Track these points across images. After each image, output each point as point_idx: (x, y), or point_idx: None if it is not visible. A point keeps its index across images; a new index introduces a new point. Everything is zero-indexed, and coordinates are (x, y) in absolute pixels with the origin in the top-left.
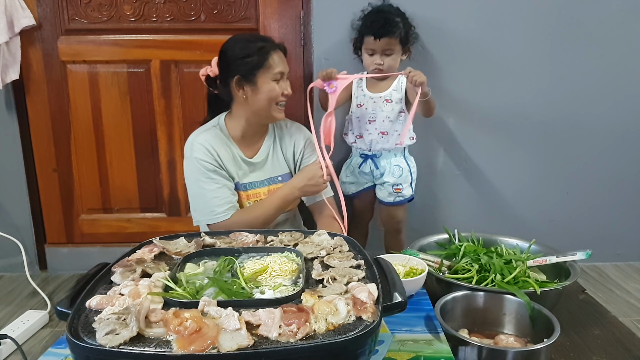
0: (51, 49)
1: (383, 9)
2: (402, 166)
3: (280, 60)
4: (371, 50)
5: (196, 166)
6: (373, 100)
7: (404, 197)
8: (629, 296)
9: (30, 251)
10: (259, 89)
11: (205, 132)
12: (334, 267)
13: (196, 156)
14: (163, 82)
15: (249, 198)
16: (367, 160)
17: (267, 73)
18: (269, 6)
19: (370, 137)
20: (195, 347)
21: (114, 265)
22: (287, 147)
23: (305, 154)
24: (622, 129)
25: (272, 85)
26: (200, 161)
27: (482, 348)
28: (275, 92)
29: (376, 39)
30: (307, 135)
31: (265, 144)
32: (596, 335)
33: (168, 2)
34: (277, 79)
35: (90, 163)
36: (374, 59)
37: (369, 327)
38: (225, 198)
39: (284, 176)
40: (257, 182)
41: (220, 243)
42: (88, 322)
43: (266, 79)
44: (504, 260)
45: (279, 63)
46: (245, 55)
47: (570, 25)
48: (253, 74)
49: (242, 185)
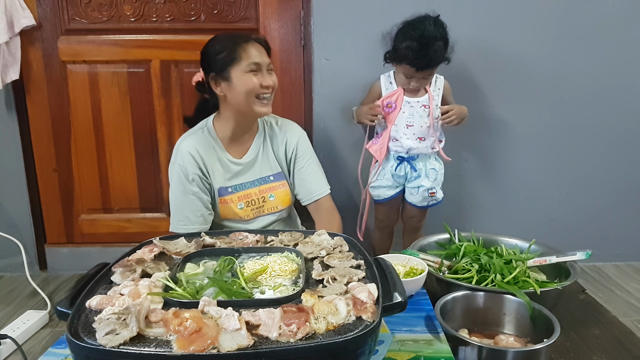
0: (51, 49)
1: (428, 39)
2: (436, 169)
3: (256, 52)
4: (410, 75)
5: (178, 173)
6: (410, 105)
7: (436, 201)
8: (629, 296)
9: (30, 251)
10: (233, 83)
11: (191, 137)
12: (334, 267)
13: (179, 163)
14: (163, 82)
15: (240, 199)
16: (403, 162)
17: (238, 66)
18: (269, 6)
19: (408, 142)
20: (195, 347)
21: (114, 265)
22: (278, 146)
23: (298, 152)
24: (623, 129)
25: (245, 77)
26: (182, 168)
27: (482, 348)
28: (251, 84)
29: (418, 71)
30: (298, 132)
31: (254, 143)
32: (596, 335)
33: (168, 2)
34: (252, 69)
35: (90, 163)
36: (410, 82)
37: (369, 327)
38: (199, 211)
39: (276, 175)
40: (247, 183)
41: (220, 243)
42: (88, 322)
43: (238, 72)
44: (504, 260)
45: (253, 55)
46: (217, 52)
47: (570, 26)
48: (226, 69)
49: (231, 188)
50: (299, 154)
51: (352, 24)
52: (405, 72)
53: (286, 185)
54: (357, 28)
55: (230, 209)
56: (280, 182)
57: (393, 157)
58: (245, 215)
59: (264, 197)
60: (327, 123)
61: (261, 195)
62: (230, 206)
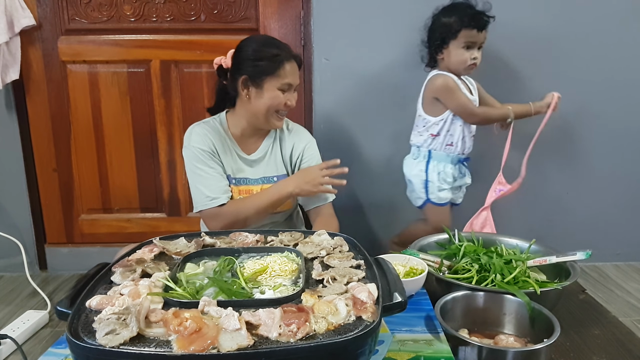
0: (51, 49)
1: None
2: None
3: (292, 72)
4: (471, 43)
5: (193, 153)
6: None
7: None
8: (629, 296)
9: (30, 251)
10: (264, 93)
11: (204, 124)
12: (334, 267)
13: (193, 144)
14: (163, 82)
15: (240, 193)
16: (458, 164)
17: (275, 81)
18: (269, 6)
19: (470, 142)
20: (195, 347)
21: (114, 265)
22: (286, 149)
23: (304, 157)
24: (623, 128)
25: (276, 93)
26: (196, 148)
27: (482, 348)
28: (278, 101)
29: (479, 31)
30: (307, 138)
31: (264, 143)
32: (596, 335)
33: (168, 2)
34: (284, 89)
35: (90, 163)
36: (472, 54)
37: (369, 327)
38: (220, 184)
39: (280, 177)
40: (251, 179)
41: (220, 243)
42: (88, 322)
43: (273, 86)
44: (504, 260)
45: (289, 74)
46: (257, 58)
47: (571, 27)
48: (261, 78)
49: (234, 180)
50: (305, 159)
51: (352, 24)
52: (467, 39)
53: None
54: (357, 28)
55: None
56: None
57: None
58: None
59: None
60: (327, 123)
61: None
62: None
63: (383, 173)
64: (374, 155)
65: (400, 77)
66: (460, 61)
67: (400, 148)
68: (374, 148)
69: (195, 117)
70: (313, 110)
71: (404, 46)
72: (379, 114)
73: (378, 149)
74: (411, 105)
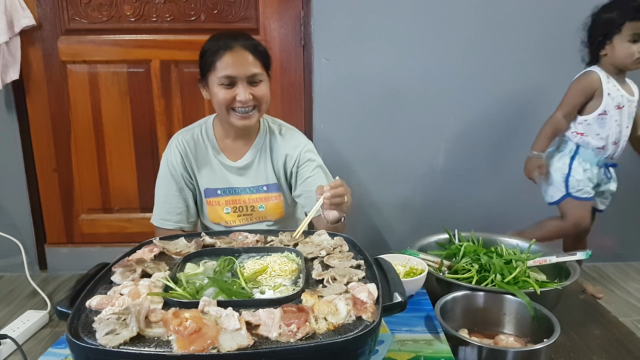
0: (51, 49)
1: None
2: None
3: (234, 63)
4: (637, 35)
5: (165, 166)
6: (629, 103)
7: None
8: (629, 296)
9: (30, 251)
10: (212, 91)
11: (186, 133)
12: (334, 267)
13: (167, 157)
14: (163, 82)
15: (227, 204)
16: (602, 169)
17: (213, 76)
18: (269, 6)
19: (623, 145)
20: (195, 347)
21: (114, 265)
22: (277, 158)
23: (301, 164)
24: None
25: (216, 89)
26: (168, 162)
27: (482, 348)
28: (219, 98)
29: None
30: (302, 143)
31: (252, 149)
32: (596, 335)
33: (168, 2)
34: (224, 83)
35: (90, 163)
36: (638, 47)
37: (369, 327)
38: (179, 208)
39: (270, 186)
40: (239, 188)
41: (220, 243)
42: (88, 322)
43: (214, 82)
44: (504, 260)
45: (229, 66)
46: (200, 55)
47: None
48: (205, 76)
49: (220, 190)
50: (302, 165)
51: (352, 24)
52: (633, 31)
53: (280, 198)
54: (357, 28)
55: (216, 212)
56: (274, 194)
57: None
58: (232, 221)
59: (254, 207)
60: (327, 123)
61: (251, 203)
62: (216, 209)
63: (383, 173)
64: (373, 155)
65: (400, 77)
66: (627, 54)
67: (400, 148)
68: (374, 148)
69: (195, 117)
70: (313, 110)
71: (404, 46)
72: (379, 114)
73: (378, 149)
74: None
